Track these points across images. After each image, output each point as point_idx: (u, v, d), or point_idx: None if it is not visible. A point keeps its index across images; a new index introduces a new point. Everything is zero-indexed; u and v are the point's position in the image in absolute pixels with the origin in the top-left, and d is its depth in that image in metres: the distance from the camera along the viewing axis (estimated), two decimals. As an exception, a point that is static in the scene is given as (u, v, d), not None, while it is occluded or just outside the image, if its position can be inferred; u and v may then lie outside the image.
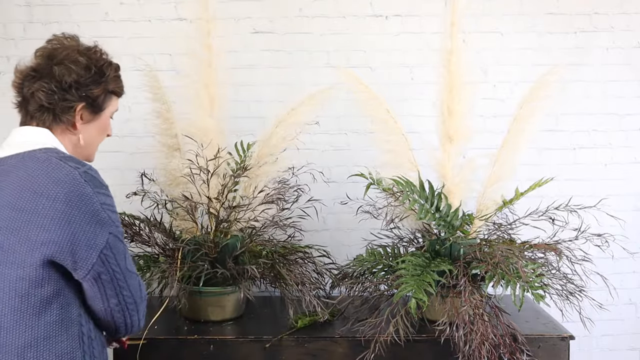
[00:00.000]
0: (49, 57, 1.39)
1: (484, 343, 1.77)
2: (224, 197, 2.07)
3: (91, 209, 1.26)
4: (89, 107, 1.41)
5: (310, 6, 2.56)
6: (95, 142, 1.48)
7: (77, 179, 1.26)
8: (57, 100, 1.36)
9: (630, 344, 2.75)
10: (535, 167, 2.61)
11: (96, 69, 1.41)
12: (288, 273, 2.06)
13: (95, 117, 1.44)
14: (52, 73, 1.36)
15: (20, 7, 2.53)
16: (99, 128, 1.46)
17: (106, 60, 1.46)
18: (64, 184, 1.24)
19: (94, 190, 1.27)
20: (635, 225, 2.67)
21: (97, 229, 1.26)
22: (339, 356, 1.95)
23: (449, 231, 2.02)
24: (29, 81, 1.38)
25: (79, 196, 1.25)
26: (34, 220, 1.23)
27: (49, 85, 1.36)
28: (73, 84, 1.37)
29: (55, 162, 1.28)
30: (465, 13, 2.05)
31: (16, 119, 2.73)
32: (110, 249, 1.29)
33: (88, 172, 1.29)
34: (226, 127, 2.21)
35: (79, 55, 1.40)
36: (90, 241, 1.26)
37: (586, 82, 2.63)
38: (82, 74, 1.38)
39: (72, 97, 1.38)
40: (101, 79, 1.42)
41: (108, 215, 1.29)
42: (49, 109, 1.37)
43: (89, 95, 1.40)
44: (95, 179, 1.29)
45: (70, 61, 1.38)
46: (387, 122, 2.11)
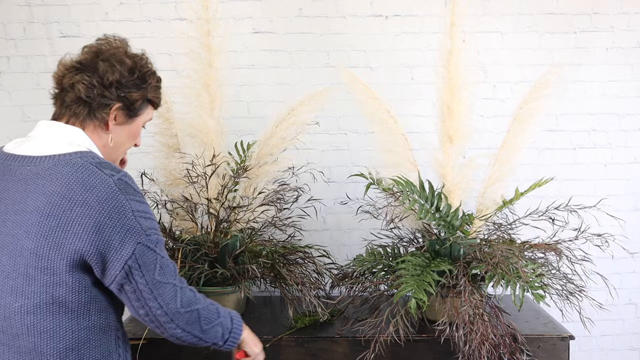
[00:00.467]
0: (96, 53, 1.39)
1: (484, 343, 1.77)
2: (224, 197, 2.07)
3: (122, 218, 1.24)
4: (125, 109, 1.41)
5: (310, 6, 2.56)
6: (124, 146, 1.47)
7: (111, 187, 1.25)
8: (96, 95, 1.35)
9: (630, 344, 2.76)
10: (535, 167, 2.62)
11: (139, 74, 1.41)
12: (288, 273, 2.06)
13: (129, 121, 1.43)
14: (97, 68, 1.36)
15: (20, 7, 2.53)
16: (130, 133, 1.46)
17: (150, 69, 1.47)
18: (97, 191, 1.23)
19: (126, 198, 1.25)
20: (635, 225, 2.67)
21: (125, 239, 1.24)
22: (339, 356, 1.95)
23: (449, 231, 2.02)
24: (71, 73, 1.37)
25: (111, 204, 1.23)
26: (66, 227, 1.22)
27: (90, 79, 1.35)
28: (114, 83, 1.37)
29: (91, 168, 1.26)
30: (465, 13, 2.05)
31: (16, 118, 2.74)
32: (135, 260, 1.26)
33: (123, 179, 1.28)
34: (226, 127, 2.21)
35: (125, 56, 1.41)
36: (117, 251, 1.24)
37: (586, 82, 2.63)
38: (125, 75, 1.39)
39: (111, 95, 1.37)
40: (142, 84, 1.42)
41: (139, 224, 1.26)
42: (85, 102, 1.36)
43: (127, 97, 1.40)
44: (130, 186, 1.28)
45: (116, 60, 1.39)
46: (387, 122, 2.11)
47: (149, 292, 1.28)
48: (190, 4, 2.11)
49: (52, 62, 2.56)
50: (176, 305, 1.31)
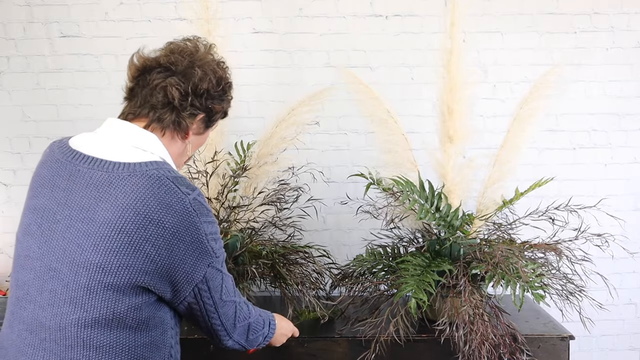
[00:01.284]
0: (191, 56, 1.32)
1: (484, 343, 1.77)
2: (224, 197, 2.07)
3: (196, 241, 1.20)
4: (206, 119, 1.36)
5: (310, 6, 2.56)
6: (187, 156, 1.41)
7: (187, 208, 1.18)
8: (188, 104, 1.30)
9: (630, 344, 2.75)
10: (535, 167, 2.62)
11: (224, 85, 1.37)
12: (288, 273, 2.06)
13: (204, 132, 1.39)
14: (192, 75, 1.30)
15: (20, 7, 2.53)
16: (198, 144, 1.41)
17: (230, 81, 1.42)
18: (174, 212, 1.17)
19: (201, 220, 1.20)
20: (635, 225, 2.67)
21: (197, 262, 1.21)
22: (339, 356, 1.95)
23: (449, 231, 2.02)
24: (160, 73, 1.29)
25: (186, 227, 1.18)
26: (138, 247, 1.15)
27: (185, 85, 1.29)
28: (205, 93, 1.32)
29: (167, 184, 1.19)
30: (465, 13, 2.05)
31: (16, 118, 2.74)
32: (205, 283, 1.25)
33: (197, 198, 1.21)
34: (226, 127, 2.21)
35: (217, 66, 1.36)
36: (188, 274, 1.21)
37: (586, 82, 2.63)
38: (214, 85, 1.34)
39: (201, 105, 1.32)
40: (224, 96, 1.38)
41: (211, 246, 1.23)
42: (175, 108, 1.29)
43: (211, 109, 1.35)
44: (203, 207, 1.22)
45: (210, 69, 1.33)
46: (387, 122, 2.11)
47: (213, 310, 1.30)
48: (190, 4, 2.11)
49: (52, 62, 2.56)
50: (234, 321, 1.35)
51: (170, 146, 1.32)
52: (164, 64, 1.30)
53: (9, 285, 2.53)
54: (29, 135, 2.60)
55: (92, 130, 1.31)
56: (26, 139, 2.60)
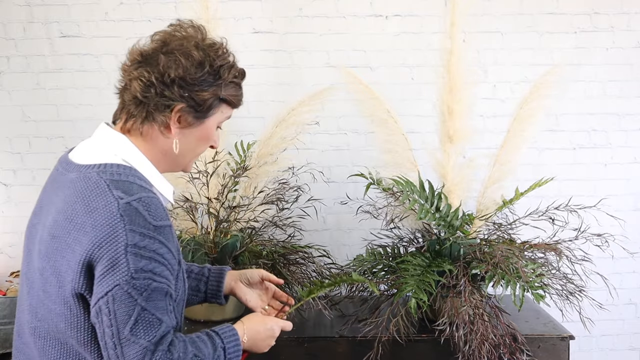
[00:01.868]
0: (163, 42, 1.18)
1: (484, 343, 1.77)
2: (224, 197, 2.07)
3: (111, 250, 1.04)
4: (191, 110, 1.18)
5: (310, 6, 2.56)
6: (194, 152, 1.25)
7: (112, 212, 1.05)
8: (153, 95, 1.15)
9: (630, 344, 2.75)
10: (535, 167, 2.62)
11: (210, 68, 1.18)
12: (288, 273, 2.06)
13: (197, 123, 1.20)
14: (157, 62, 1.15)
15: (20, 7, 2.53)
16: (200, 137, 1.22)
17: (227, 62, 1.23)
18: (96, 215, 1.05)
19: (126, 227, 1.04)
20: (635, 225, 2.67)
21: (106, 274, 1.04)
22: (339, 356, 1.94)
23: (449, 231, 2.02)
24: (133, 66, 1.17)
25: (105, 232, 1.04)
26: (63, 253, 1.07)
27: (148, 75, 1.14)
28: (177, 80, 1.15)
29: (102, 187, 1.08)
30: (465, 13, 2.05)
31: (16, 118, 2.74)
32: (107, 304, 1.03)
33: (133, 204, 1.06)
34: (226, 127, 2.21)
35: (195, 48, 1.17)
36: (96, 286, 1.05)
37: (586, 82, 2.63)
38: (191, 70, 1.16)
39: (172, 94, 1.15)
40: (215, 81, 1.19)
41: (127, 261, 1.03)
42: (142, 102, 1.15)
43: (193, 98, 1.17)
44: (138, 214, 1.06)
45: (181, 53, 1.16)
46: (387, 122, 2.11)
47: (113, 346, 1.04)
48: (190, 4, 2.11)
49: (52, 62, 2.56)
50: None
51: (153, 146, 1.19)
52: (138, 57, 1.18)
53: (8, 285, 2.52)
54: (29, 135, 2.60)
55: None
56: (26, 139, 2.60)
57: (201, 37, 1.21)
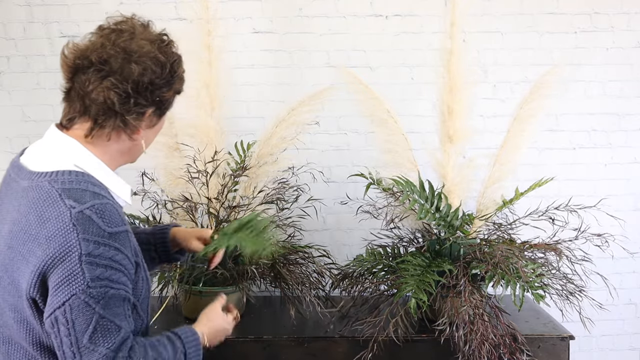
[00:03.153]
0: (125, 50, 1.13)
1: (484, 343, 1.77)
2: (224, 197, 2.07)
3: (65, 260, 1.02)
4: (157, 111, 1.18)
5: (310, 6, 2.56)
6: (148, 145, 1.26)
7: (65, 222, 1.03)
8: (132, 106, 1.12)
9: (630, 344, 2.75)
10: (535, 167, 2.61)
11: (170, 67, 1.17)
12: (288, 273, 2.06)
13: (159, 120, 1.22)
14: (130, 71, 1.11)
15: (20, 7, 2.53)
16: (158, 130, 1.25)
17: (177, 55, 1.21)
18: (49, 225, 1.04)
19: (79, 237, 1.03)
20: (635, 225, 2.66)
21: (61, 285, 1.02)
22: (339, 356, 1.94)
23: (449, 231, 2.02)
24: (94, 74, 1.11)
25: (58, 242, 1.03)
26: (19, 264, 1.06)
27: (123, 85, 1.10)
28: (149, 86, 1.13)
29: (53, 197, 1.06)
30: (465, 13, 2.05)
31: (16, 118, 2.73)
32: (65, 313, 1.02)
33: (86, 212, 1.05)
34: (226, 127, 2.21)
35: (157, 51, 1.15)
36: (51, 296, 1.03)
37: (586, 82, 2.63)
38: (158, 73, 1.14)
39: (146, 101, 1.14)
40: (172, 78, 1.19)
41: (83, 271, 1.02)
42: (117, 113, 1.12)
43: (160, 99, 1.17)
44: (91, 222, 1.05)
45: (149, 58, 1.13)
46: (387, 122, 2.11)
47: (71, 355, 1.03)
48: (190, 4, 2.11)
49: (52, 62, 2.56)
50: None
51: (114, 147, 1.17)
52: (100, 64, 1.11)
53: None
54: (29, 135, 2.60)
55: None
56: (26, 139, 2.60)
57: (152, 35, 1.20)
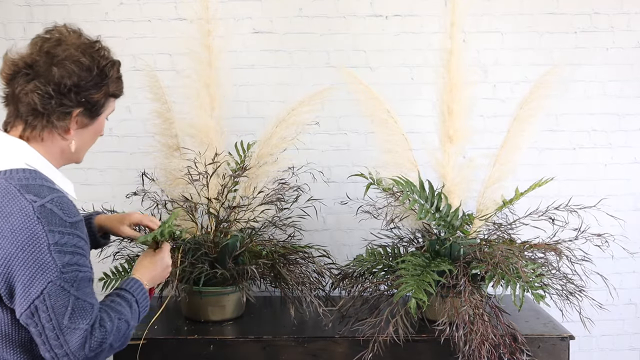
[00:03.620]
0: (48, 54, 1.23)
1: (484, 343, 1.77)
2: (224, 197, 2.07)
3: (35, 251, 1.11)
4: (87, 112, 1.27)
5: (310, 6, 2.56)
6: (88, 145, 1.35)
7: (29, 215, 1.12)
8: (54, 106, 1.21)
9: (630, 344, 2.75)
10: (535, 167, 2.61)
11: (98, 70, 1.26)
12: (288, 273, 2.06)
13: (92, 121, 1.30)
14: (51, 74, 1.21)
15: (20, 7, 2.53)
16: (94, 132, 1.33)
17: (109, 60, 1.31)
18: (12, 219, 1.12)
19: (45, 228, 1.12)
20: (635, 225, 2.66)
21: (35, 275, 1.11)
22: (339, 356, 1.95)
23: (449, 231, 2.02)
24: (22, 78, 1.22)
25: (24, 235, 1.11)
26: None
27: (45, 87, 1.20)
28: (73, 88, 1.22)
29: (12, 193, 1.14)
30: (465, 13, 2.05)
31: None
32: (43, 301, 1.12)
33: (47, 205, 1.14)
34: (226, 127, 2.21)
35: (82, 55, 1.24)
36: (26, 288, 1.12)
37: (586, 82, 2.63)
38: (83, 76, 1.24)
39: (70, 102, 1.23)
40: (103, 81, 1.28)
41: (54, 259, 1.12)
42: (42, 114, 1.22)
43: (88, 101, 1.25)
44: (53, 214, 1.14)
45: (72, 61, 1.23)
46: (387, 122, 2.11)
47: (55, 337, 1.14)
48: (190, 4, 2.11)
49: (52, 62, 2.56)
50: (84, 351, 1.16)
51: (52, 147, 1.26)
52: (25, 69, 1.23)
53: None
54: (29, 135, 2.60)
55: None
56: (26, 139, 2.60)
57: (80, 40, 1.28)
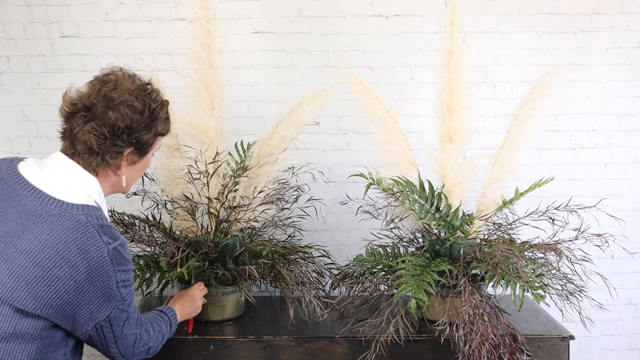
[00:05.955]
0: (105, 97, 1.34)
1: (484, 343, 1.77)
2: (224, 197, 2.07)
3: (106, 287, 1.29)
4: (137, 151, 1.40)
5: (310, 6, 2.56)
6: (135, 179, 1.49)
7: (104, 257, 1.27)
8: (108, 146, 1.34)
9: (630, 344, 2.76)
10: (535, 167, 2.62)
11: (149, 112, 1.39)
12: (288, 273, 2.06)
13: (141, 158, 1.44)
14: (107, 118, 1.33)
15: (20, 7, 2.53)
16: (142, 167, 1.47)
17: (159, 102, 1.43)
18: (90, 258, 1.25)
19: (115, 269, 1.29)
20: (635, 225, 2.67)
21: (103, 304, 1.30)
22: (339, 356, 1.95)
23: (449, 231, 2.02)
24: (81, 119, 1.33)
25: (99, 273, 1.27)
26: (50, 283, 1.23)
27: (101, 129, 1.33)
28: (125, 130, 1.35)
29: (91, 231, 1.27)
30: (465, 13, 2.05)
31: (16, 118, 2.73)
32: (109, 321, 1.34)
33: (117, 248, 1.30)
34: (226, 127, 2.21)
35: (135, 99, 1.36)
36: (93, 314, 1.30)
37: (586, 82, 2.63)
38: (135, 119, 1.36)
39: (123, 142, 1.36)
40: (153, 122, 1.40)
41: (120, 293, 1.32)
42: (97, 152, 1.35)
43: (138, 141, 1.38)
44: (121, 256, 1.31)
45: (126, 106, 1.35)
46: (387, 122, 2.11)
47: (113, 342, 1.39)
48: (190, 4, 2.11)
49: (52, 62, 2.56)
50: (133, 350, 1.46)
51: (105, 181, 1.40)
52: (83, 113, 1.34)
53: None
54: (29, 136, 2.60)
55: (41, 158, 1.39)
56: (26, 139, 2.60)
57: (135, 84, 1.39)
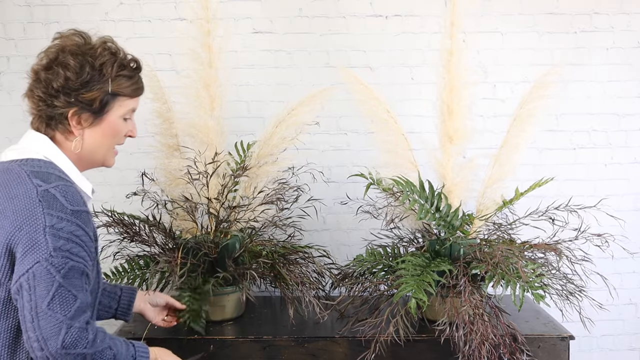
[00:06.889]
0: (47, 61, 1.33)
1: (484, 343, 1.77)
2: (224, 197, 2.07)
3: (31, 231, 1.17)
4: (86, 111, 1.31)
5: (310, 6, 2.56)
6: (104, 147, 1.37)
7: (32, 198, 1.19)
8: (45, 108, 1.30)
9: (630, 344, 2.75)
10: (535, 167, 2.62)
11: (92, 69, 1.31)
12: (288, 273, 2.06)
13: (98, 120, 1.33)
14: (41, 79, 1.30)
15: (20, 7, 2.53)
16: (106, 132, 1.35)
17: (107, 59, 1.32)
18: (17, 201, 1.20)
19: (44, 211, 1.18)
20: (635, 225, 2.67)
21: (26, 253, 1.17)
22: (339, 356, 1.95)
23: (449, 231, 2.02)
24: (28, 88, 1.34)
25: (25, 215, 1.18)
26: None
27: (36, 92, 1.30)
28: (60, 89, 1.29)
29: (20, 176, 1.23)
30: (465, 13, 2.05)
31: (16, 118, 2.74)
32: (28, 280, 1.15)
33: (50, 190, 1.21)
34: (226, 127, 2.21)
35: (71, 57, 1.30)
36: (18, 264, 1.18)
37: (586, 82, 2.63)
38: (71, 77, 1.29)
39: (60, 103, 1.29)
40: (97, 80, 1.31)
41: (47, 241, 1.16)
42: (39, 116, 1.31)
43: (80, 100, 1.30)
44: (55, 199, 1.20)
45: (59, 64, 1.30)
46: (387, 122, 2.11)
47: (30, 319, 1.15)
48: (190, 4, 2.11)
49: (52, 62, 2.56)
50: (57, 344, 1.15)
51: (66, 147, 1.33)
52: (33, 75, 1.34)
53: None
54: (29, 135, 2.60)
55: None
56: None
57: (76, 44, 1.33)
